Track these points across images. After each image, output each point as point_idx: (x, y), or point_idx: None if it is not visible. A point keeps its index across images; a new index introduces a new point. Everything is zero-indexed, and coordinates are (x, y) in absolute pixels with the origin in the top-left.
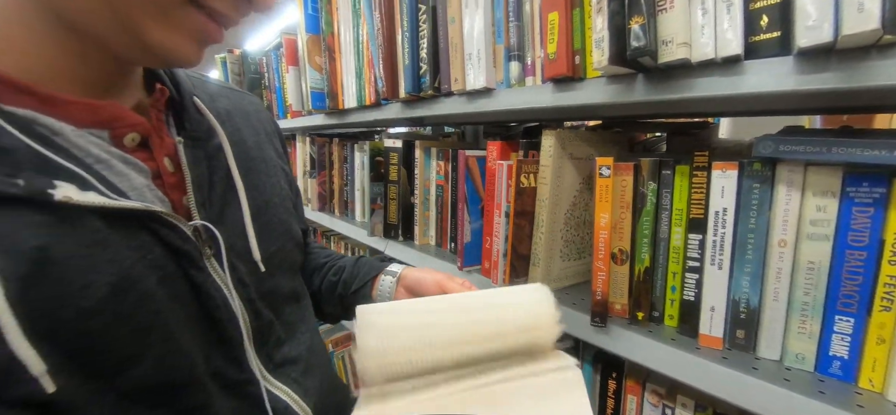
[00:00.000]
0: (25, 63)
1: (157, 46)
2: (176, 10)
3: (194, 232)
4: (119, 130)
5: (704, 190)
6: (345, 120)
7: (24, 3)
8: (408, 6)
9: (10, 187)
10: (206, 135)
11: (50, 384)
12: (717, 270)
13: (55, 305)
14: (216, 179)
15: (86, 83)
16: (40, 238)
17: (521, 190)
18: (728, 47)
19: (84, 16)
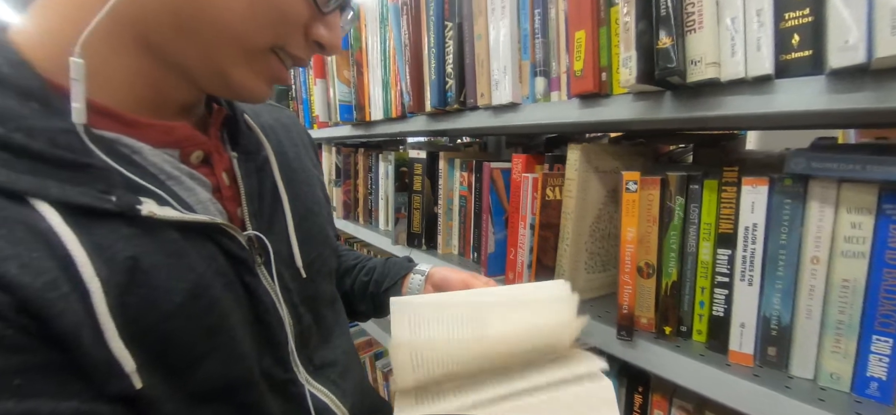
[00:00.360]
0: (114, 91)
1: (238, 86)
2: (258, 58)
3: (248, 241)
4: (188, 148)
5: (734, 205)
6: (371, 131)
7: (124, 40)
8: (434, 23)
9: (106, 203)
10: (256, 149)
11: (138, 381)
12: (747, 286)
13: (143, 309)
14: (265, 190)
15: (163, 108)
16: (131, 249)
17: (547, 202)
18: (758, 66)
19: (182, 57)
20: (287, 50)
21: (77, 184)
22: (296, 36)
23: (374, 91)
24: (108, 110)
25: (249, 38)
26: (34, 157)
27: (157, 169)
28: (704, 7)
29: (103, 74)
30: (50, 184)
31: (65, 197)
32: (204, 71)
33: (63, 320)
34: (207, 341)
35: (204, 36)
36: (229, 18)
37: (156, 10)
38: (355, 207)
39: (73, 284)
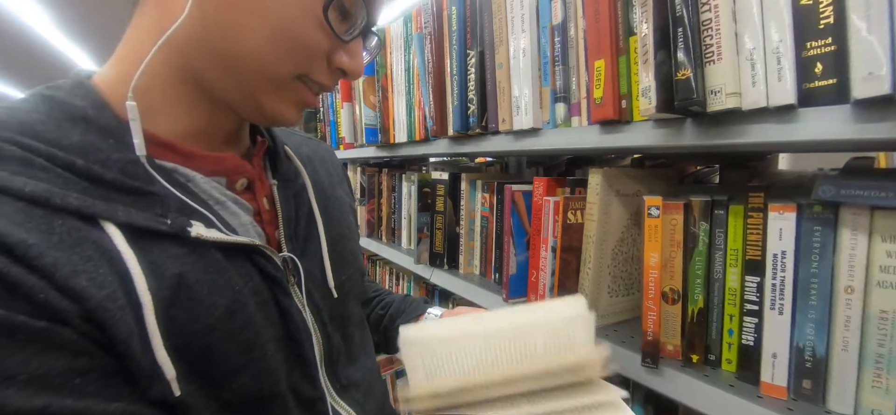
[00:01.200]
0: (173, 126)
1: (270, 112)
2: (285, 86)
3: (283, 262)
4: (234, 176)
5: (761, 231)
6: (395, 153)
7: (176, 76)
8: (457, 51)
9: (161, 225)
10: (294, 176)
11: (177, 389)
12: (777, 315)
13: (186, 321)
14: (300, 215)
15: (212, 138)
16: (178, 267)
17: (568, 226)
18: (781, 96)
19: (223, 91)
20: (311, 77)
21: (140, 208)
22: (318, 64)
23: (399, 115)
24: (169, 143)
25: (274, 68)
26: (108, 185)
27: (206, 195)
28: (723, 39)
29: (164, 112)
30: (118, 208)
31: (129, 220)
32: (241, 101)
33: (118, 328)
34: (242, 355)
35: (237, 71)
36: (255, 53)
37: (199, 54)
38: (379, 225)
39: (128, 298)
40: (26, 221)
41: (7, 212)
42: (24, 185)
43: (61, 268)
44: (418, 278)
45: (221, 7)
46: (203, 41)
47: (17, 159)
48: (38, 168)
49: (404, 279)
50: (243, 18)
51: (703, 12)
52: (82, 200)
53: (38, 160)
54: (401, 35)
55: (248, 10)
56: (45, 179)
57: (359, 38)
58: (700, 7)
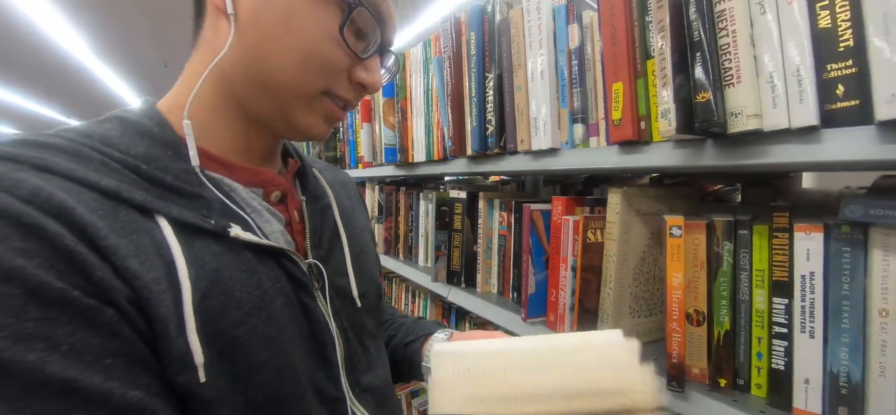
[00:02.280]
0: (220, 142)
1: (302, 126)
2: (314, 101)
3: (309, 268)
4: (269, 189)
5: (787, 252)
6: (413, 172)
7: (222, 100)
8: (476, 74)
9: (206, 224)
10: (321, 195)
11: (203, 375)
12: (808, 339)
13: (219, 313)
14: (325, 229)
15: (251, 155)
16: (216, 262)
17: (588, 245)
18: (803, 117)
19: (260, 110)
20: (335, 92)
21: (189, 208)
22: (341, 80)
23: (418, 135)
24: (216, 157)
25: (303, 86)
26: (165, 187)
27: (245, 203)
28: (742, 63)
29: (212, 131)
30: (172, 206)
31: (180, 216)
32: (276, 118)
33: (158, 309)
34: (266, 351)
35: (271, 91)
36: (286, 75)
37: (240, 80)
38: (396, 243)
39: (170, 283)
40: (98, 208)
41: (85, 199)
42: (99, 179)
43: (119, 250)
44: (435, 296)
45: (257, 39)
46: (243, 68)
47: (96, 161)
48: (112, 169)
49: (421, 297)
50: (276, 47)
51: (721, 37)
52: (144, 196)
53: (112, 164)
54: (420, 59)
55: (279, 39)
56: (116, 178)
57: (376, 56)
58: (718, 31)
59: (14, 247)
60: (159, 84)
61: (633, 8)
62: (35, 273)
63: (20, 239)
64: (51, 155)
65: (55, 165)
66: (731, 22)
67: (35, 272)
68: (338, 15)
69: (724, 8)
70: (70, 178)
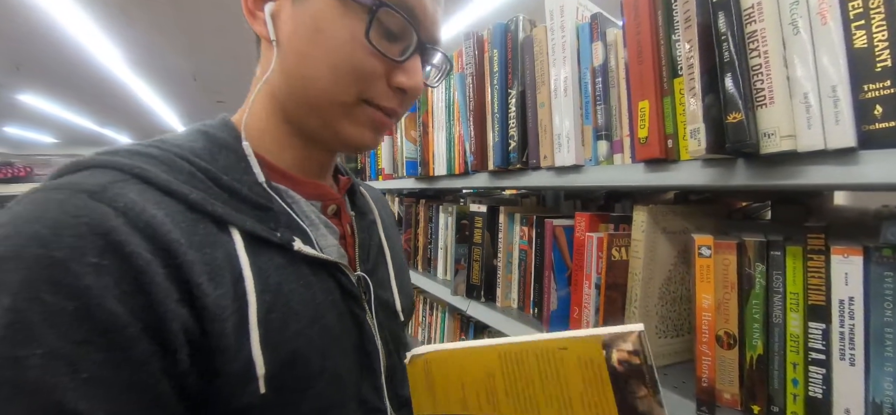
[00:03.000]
0: (284, 158)
1: (348, 137)
2: (355, 109)
3: (358, 280)
4: (326, 202)
5: (823, 276)
6: (433, 185)
7: (277, 118)
8: (498, 91)
9: (273, 236)
10: (368, 211)
11: (263, 387)
12: (848, 366)
13: (280, 325)
14: (372, 243)
15: (310, 169)
16: (279, 276)
17: (613, 263)
18: (839, 139)
19: (308, 126)
20: (374, 100)
21: (259, 220)
22: (378, 86)
23: (439, 149)
24: (282, 171)
25: (339, 96)
26: (240, 198)
27: (305, 216)
28: (775, 84)
29: (274, 148)
30: (245, 218)
31: (252, 229)
32: (322, 131)
33: (223, 325)
34: (320, 362)
35: (313, 105)
36: (322, 86)
37: (286, 98)
38: (415, 255)
39: (237, 296)
40: (183, 221)
41: (173, 212)
42: (188, 192)
43: (195, 267)
44: (453, 309)
45: (295, 56)
46: (287, 87)
47: (185, 172)
48: (198, 180)
49: (439, 310)
50: (310, 61)
51: (752, 57)
52: (224, 209)
53: (198, 175)
54: None
55: (311, 52)
56: (201, 190)
57: (415, 57)
58: (749, 52)
59: (90, 263)
60: (188, 96)
61: (660, 27)
62: (97, 293)
63: (98, 254)
64: (151, 165)
65: (154, 176)
66: (762, 43)
67: (98, 293)
68: (364, 20)
69: (755, 29)
70: (165, 190)
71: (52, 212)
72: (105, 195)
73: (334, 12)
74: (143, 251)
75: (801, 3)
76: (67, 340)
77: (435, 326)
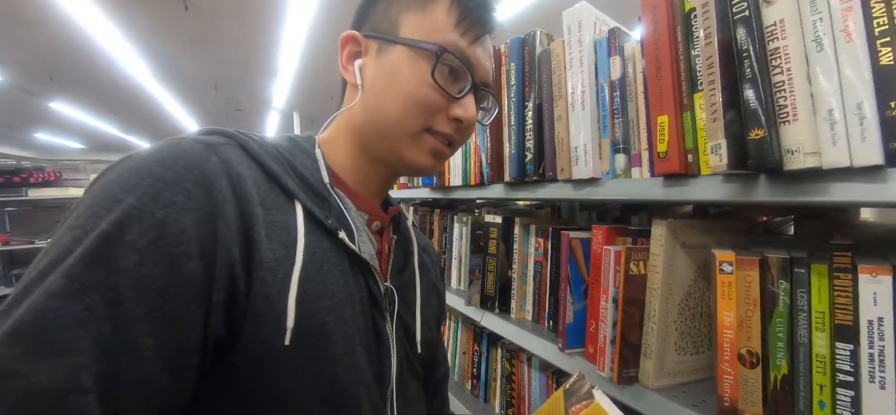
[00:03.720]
0: (345, 170)
1: (410, 161)
2: (417, 138)
3: (385, 291)
4: (373, 217)
5: (851, 295)
6: (449, 195)
7: (352, 142)
8: (515, 104)
9: (326, 220)
10: (407, 241)
11: (288, 339)
12: (878, 390)
13: (316, 295)
14: (405, 268)
15: (368, 188)
16: (322, 254)
17: (630, 277)
18: (866, 156)
19: (375, 148)
20: (435, 129)
21: (318, 205)
22: (439, 117)
23: (455, 160)
24: (342, 181)
25: (406, 125)
26: (307, 184)
27: (353, 220)
28: (798, 100)
29: (341, 162)
30: (308, 199)
31: (310, 207)
32: (388, 154)
33: (265, 271)
34: (343, 345)
35: (383, 131)
36: (394, 116)
37: (362, 124)
38: None
39: (287, 255)
40: (262, 183)
41: (255, 174)
42: (271, 165)
43: (257, 219)
44: (467, 320)
45: (375, 95)
46: (364, 118)
47: (272, 155)
48: (281, 163)
49: (453, 320)
50: (386, 97)
51: (775, 74)
52: (293, 184)
53: (282, 159)
54: None
55: (388, 91)
56: (280, 168)
57: (470, 95)
58: (771, 69)
59: (185, 187)
60: (209, 104)
61: (679, 42)
62: (180, 210)
63: (194, 183)
64: (251, 142)
65: (251, 148)
66: (785, 60)
67: (181, 209)
68: (430, 64)
69: (777, 46)
70: (256, 159)
71: (179, 149)
72: (216, 149)
73: (407, 59)
74: (226, 192)
75: (824, 21)
76: (145, 239)
77: (448, 336)
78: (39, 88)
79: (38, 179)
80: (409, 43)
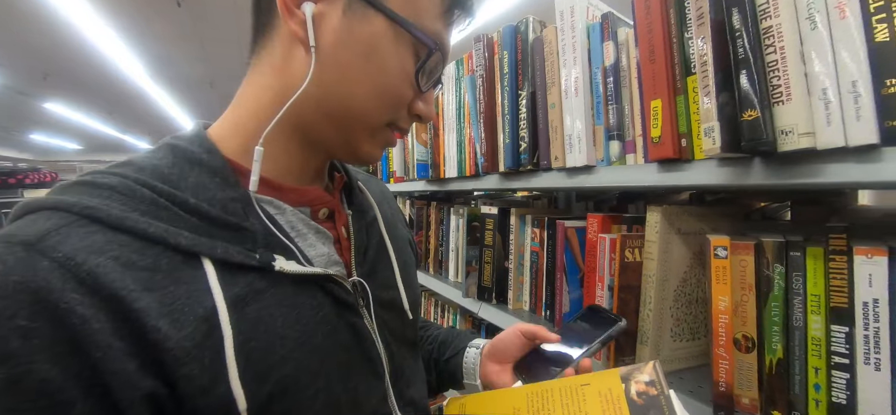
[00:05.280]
0: (272, 164)
1: (363, 153)
2: (378, 132)
3: (353, 287)
4: (317, 206)
5: (846, 276)
6: (444, 188)
7: (287, 129)
8: (508, 92)
9: (251, 260)
10: (367, 208)
11: None
12: (873, 371)
13: (264, 353)
14: (371, 243)
15: (301, 176)
16: (260, 301)
17: (626, 264)
18: (861, 136)
19: (324, 138)
20: (397, 123)
21: (234, 242)
22: (403, 112)
23: (450, 151)
24: (267, 180)
25: (372, 118)
26: (211, 220)
27: (291, 225)
28: (792, 80)
29: (268, 154)
30: (217, 245)
31: (224, 255)
32: (340, 146)
33: (190, 366)
34: (314, 383)
35: (341, 121)
36: (362, 109)
37: (312, 110)
38: (426, 257)
39: (210, 331)
40: (140, 260)
41: (126, 253)
42: (147, 225)
43: (151, 312)
44: (465, 311)
45: (337, 72)
46: (317, 100)
47: (147, 200)
48: (161, 207)
49: (450, 312)
50: (354, 79)
51: (768, 54)
52: (190, 239)
53: (162, 200)
54: (452, 76)
55: (359, 73)
56: (166, 219)
57: (432, 88)
58: (764, 48)
59: (18, 326)
60: (205, 101)
61: (672, 24)
62: (26, 358)
63: (28, 317)
64: (103, 200)
65: (105, 215)
66: (778, 39)
67: (27, 357)
68: (413, 54)
69: (770, 24)
70: (118, 227)
71: None
72: (43, 245)
73: (390, 39)
74: (82, 307)
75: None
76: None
77: None
78: (33, 89)
79: (35, 181)
80: (400, 21)
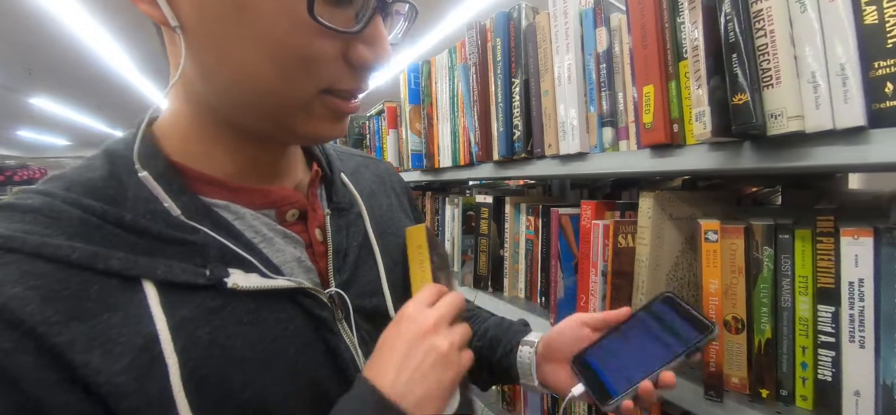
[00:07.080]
0: (222, 166)
1: (306, 133)
2: (313, 104)
3: (330, 299)
4: (283, 208)
5: (833, 258)
6: (439, 177)
7: (210, 123)
8: (502, 80)
9: (199, 278)
10: (349, 205)
11: None
12: (858, 349)
13: (219, 380)
14: (352, 246)
15: (262, 174)
16: (212, 322)
17: (619, 250)
18: (849, 118)
19: (255, 125)
20: (335, 87)
21: (180, 259)
22: (336, 70)
23: (444, 141)
24: (220, 181)
25: (292, 93)
26: (153, 237)
27: (253, 232)
28: (781, 63)
29: (208, 155)
30: (158, 263)
31: (168, 276)
32: (276, 131)
33: (128, 400)
34: (281, 406)
35: (257, 105)
36: (266, 84)
37: (215, 99)
38: None
39: (151, 363)
40: (63, 290)
41: (48, 283)
42: (71, 251)
43: (76, 346)
44: None
45: (210, 45)
46: (212, 86)
47: (74, 221)
48: (92, 227)
49: None
50: (235, 51)
51: (758, 37)
52: (125, 260)
53: (93, 220)
54: (445, 65)
55: (235, 41)
56: (97, 240)
57: (377, 19)
58: (754, 32)
59: None
60: None
61: (664, 10)
62: None
63: None
64: (24, 226)
65: (22, 243)
66: (768, 22)
67: None
68: None
69: (761, 8)
70: (37, 255)
71: None
72: None
73: None
74: (4, 341)
75: None
76: None
77: None
78: (18, 84)
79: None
80: None
